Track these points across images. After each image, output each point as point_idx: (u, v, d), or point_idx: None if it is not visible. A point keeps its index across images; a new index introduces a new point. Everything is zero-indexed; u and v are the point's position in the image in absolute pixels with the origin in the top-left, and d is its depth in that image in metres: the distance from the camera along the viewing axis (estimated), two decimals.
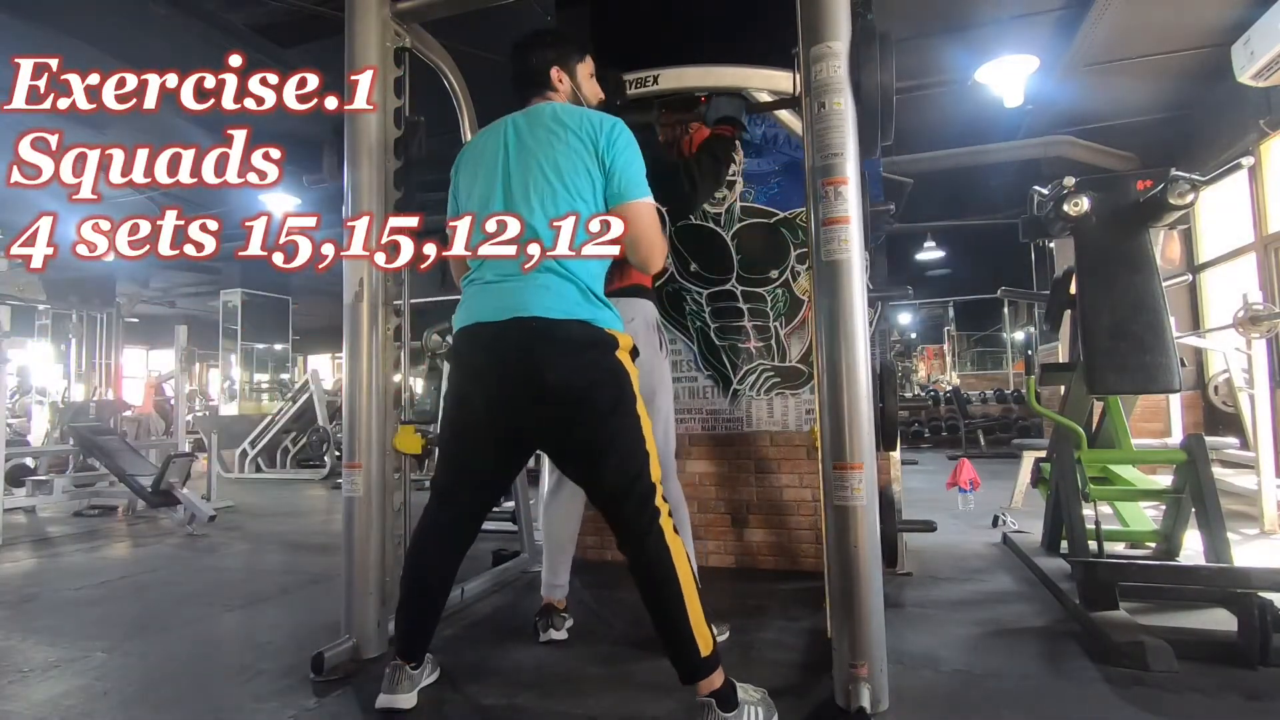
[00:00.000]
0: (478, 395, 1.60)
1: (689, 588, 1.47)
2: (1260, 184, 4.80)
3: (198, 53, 4.78)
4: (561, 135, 1.60)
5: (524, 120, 1.67)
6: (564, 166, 1.58)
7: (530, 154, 1.61)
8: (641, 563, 1.49)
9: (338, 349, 2.12)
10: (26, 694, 1.79)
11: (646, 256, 1.63)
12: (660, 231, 1.66)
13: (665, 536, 1.50)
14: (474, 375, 1.61)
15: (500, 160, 1.64)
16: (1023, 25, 4.57)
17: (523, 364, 1.52)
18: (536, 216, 1.56)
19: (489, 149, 1.67)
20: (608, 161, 1.58)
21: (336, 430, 7.35)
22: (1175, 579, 2.23)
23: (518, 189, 1.59)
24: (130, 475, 4.44)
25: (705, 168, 2.00)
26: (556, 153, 1.59)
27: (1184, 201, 2.26)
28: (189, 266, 10.64)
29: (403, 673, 1.63)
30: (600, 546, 3.08)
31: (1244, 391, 3.92)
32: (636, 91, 2.40)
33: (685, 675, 1.46)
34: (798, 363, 2.93)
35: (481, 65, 2.81)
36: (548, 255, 1.54)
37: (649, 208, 1.61)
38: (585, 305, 1.55)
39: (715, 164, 2.03)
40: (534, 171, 1.59)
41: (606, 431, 1.53)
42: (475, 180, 1.67)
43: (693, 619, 1.45)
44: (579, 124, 1.61)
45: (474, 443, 1.64)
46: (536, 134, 1.62)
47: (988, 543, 3.36)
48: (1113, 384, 2.36)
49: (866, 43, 1.65)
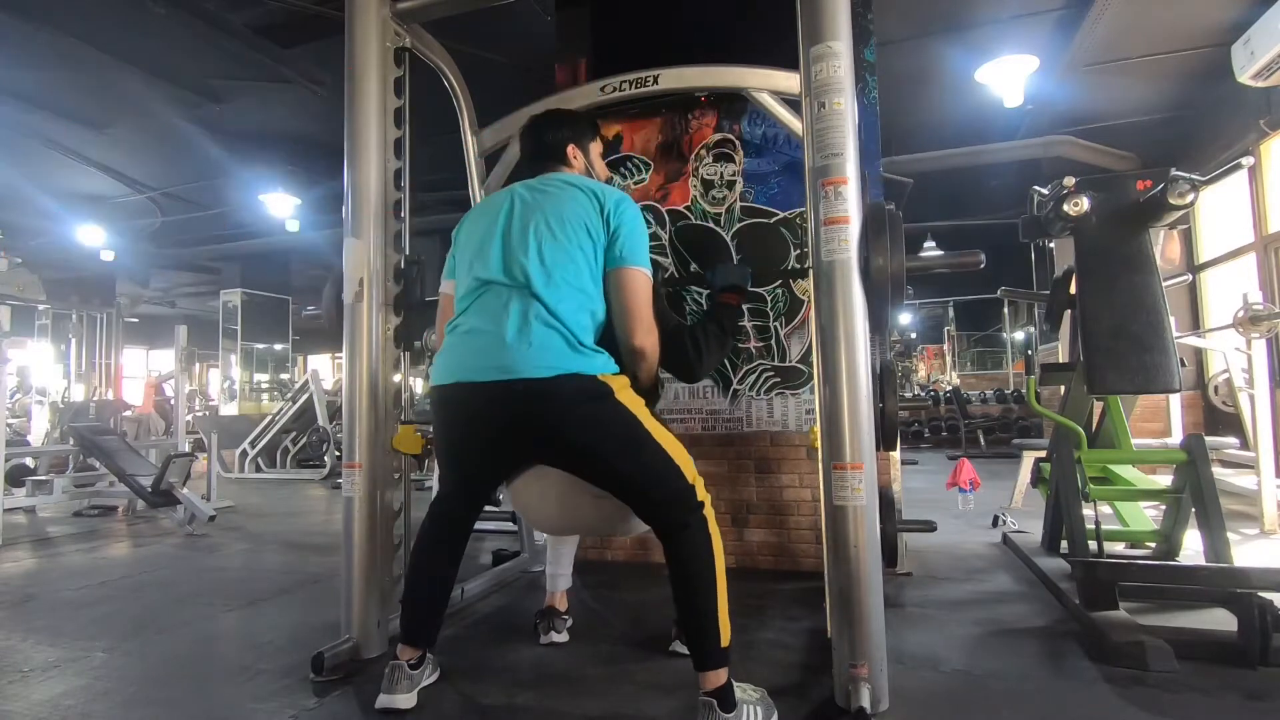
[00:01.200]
0: (472, 445, 1.62)
1: (722, 578, 1.51)
2: (1260, 184, 4.80)
3: (197, 53, 4.79)
4: (569, 191, 1.65)
5: (534, 183, 1.72)
6: (567, 216, 1.60)
7: (534, 207, 1.64)
8: (682, 554, 1.51)
9: (338, 349, 2.13)
10: (26, 694, 1.79)
11: (632, 328, 1.60)
12: (652, 308, 1.63)
13: (709, 526, 1.53)
14: (464, 432, 1.61)
15: (504, 212, 1.67)
16: (1022, 25, 4.57)
17: (519, 428, 1.53)
18: (531, 258, 1.57)
19: (493, 206, 1.71)
20: (613, 225, 1.61)
21: (336, 430, 7.35)
22: (1175, 579, 2.23)
23: (516, 233, 1.61)
24: (130, 475, 4.43)
25: (713, 338, 1.88)
26: (562, 205, 1.62)
27: (1184, 201, 2.26)
28: (189, 266, 10.64)
29: (402, 672, 1.64)
30: (600, 546, 3.08)
31: (1244, 391, 3.92)
32: (636, 91, 2.40)
33: (701, 661, 1.47)
34: (798, 363, 2.93)
35: (481, 65, 2.81)
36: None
37: (646, 280, 1.62)
38: (574, 356, 1.52)
39: (722, 334, 1.91)
40: (536, 218, 1.62)
41: (625, 469, 1.54)
42: (476, 232, 1.69)
43: (721, 609, 1.49)
44: (588, 186, 1.66)
45: (469, 470, 1.67)
46: (545, 191, 1.67)
47: (988, 543, 3.36)
48: (1113, 384, 2.36)
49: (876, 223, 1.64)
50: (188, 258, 9.95)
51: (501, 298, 1.57)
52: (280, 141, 6.40)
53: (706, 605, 1.48)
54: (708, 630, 1.47)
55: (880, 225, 1.64)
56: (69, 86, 5.36)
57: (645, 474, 1.54)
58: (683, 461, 1.57)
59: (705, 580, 1.49)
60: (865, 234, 1.65)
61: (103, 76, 5.09)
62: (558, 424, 1.51)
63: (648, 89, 2.39)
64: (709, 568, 1.50)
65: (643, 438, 1.54)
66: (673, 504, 1.54)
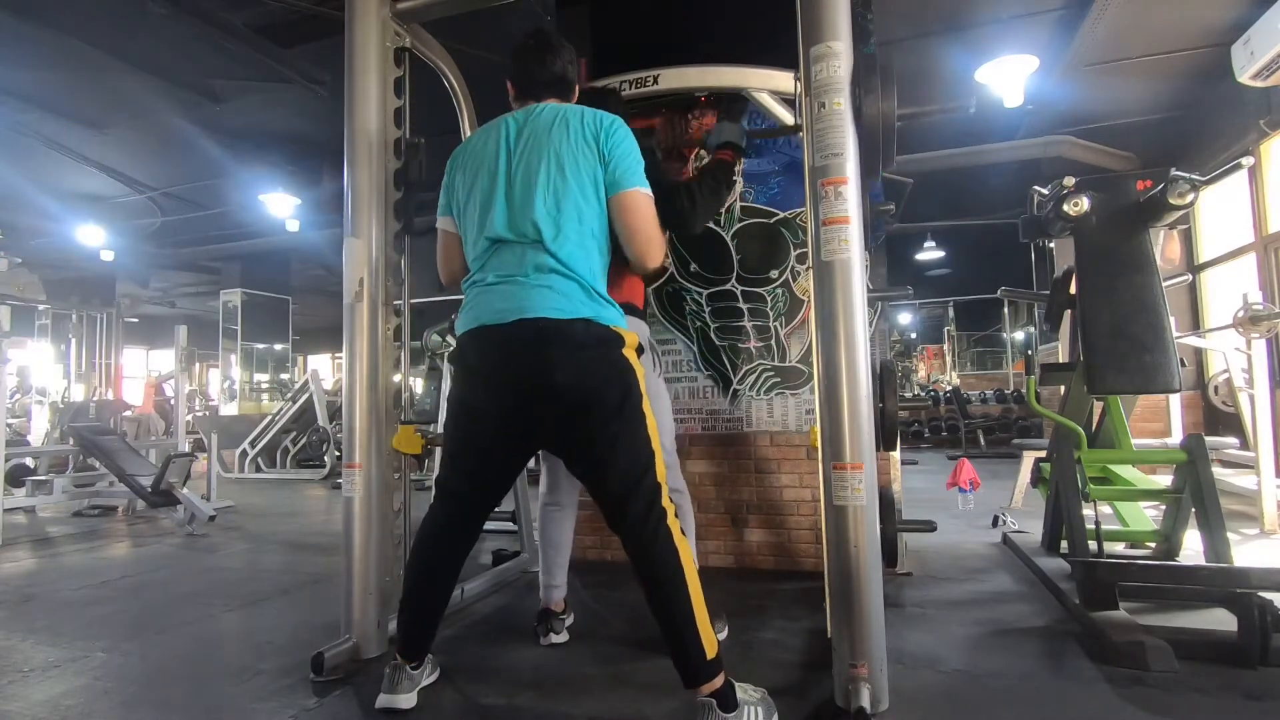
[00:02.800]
0: (484, 397, 1.60)
1: (695, 589, 1.47)
2: (1260, 184, 4.80)
3: (197, 53, 4.79)
4: (565, 131, 1.61)
5: (524, 118, 1.67)
6: (566, 160, 1.58)
7: (532, 150, 1.61)
8: (647, 564, 1.48)
9: (338, 349, 2.12)
10: (26, 694, 1.79)
11: (644, 249, 1.63)
12: (658, 224, 1.67)
13: (673, 538, 1.50)
14: (480, 378, 1.60)
15: (502, 158, 1.64)
16: (1023, 25, 4.57)
17: (531, 365, 1.52)
18: (539, 211, 1.56)
19: (489, 148, 1.67)
20: (606, 152, 1.59)
21: (336, 430, 7.35)
22: (1175, 579, 2.23)
23: (520, 185, 1.60)
24: (130, 475, 4.44)
25: (706, 189, 1.99)
26: (560, 148, 1.60)
27: (1184, 201, 2.26)
28: (189, 266, 10.64)
29: (403, 673, 1.63)
30: (600, 546, 3.08)
31: (1244, 391, 3.92)
32: (636, 91, 2.40)
33: (689, 678, 1.45)
34: (798, 363, 2.93)
35: (481, 65, 2.81)
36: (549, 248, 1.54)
37: (646, 198, 1.62)
38: (589, 303, 1.55)
39: (716, 185, 2.02)
40: (537, 166, 1.59)
41: (613, 429, 1.52)
42: (476, 179, 1.66)
43: (699, 621, 1.45)
44: (580, 119, 1.63)
45: (480, 443, 1.63)
46: (538, 131, 1.63)
47: (988, 543, 3.36)
48: (1113, 384, 2.36)
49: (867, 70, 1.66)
50: (188, 258, 9.94)
51: (515, 253, 1.58)
52: (280, 141, 6.39)
53: (682, 617, 1.44)
54: (688, 644, 1.43)
55: (871, 70, 1.65)
56: (69, 86, 5.36)
57: (625, 442, 1.52)
58: (658, 453, 1.56)
59: (676, 591, 1.45)
60: (856, 79, 1.66)
61: (102, 76, 5.09)
62: (567, 365, 1.50)
63: (648, 89, 2.39)
64: (679, 579, 1.45)
65: (635, 400, 1.55)
66: (639, 493, 1.50)
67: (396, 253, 2.17)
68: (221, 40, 4.46)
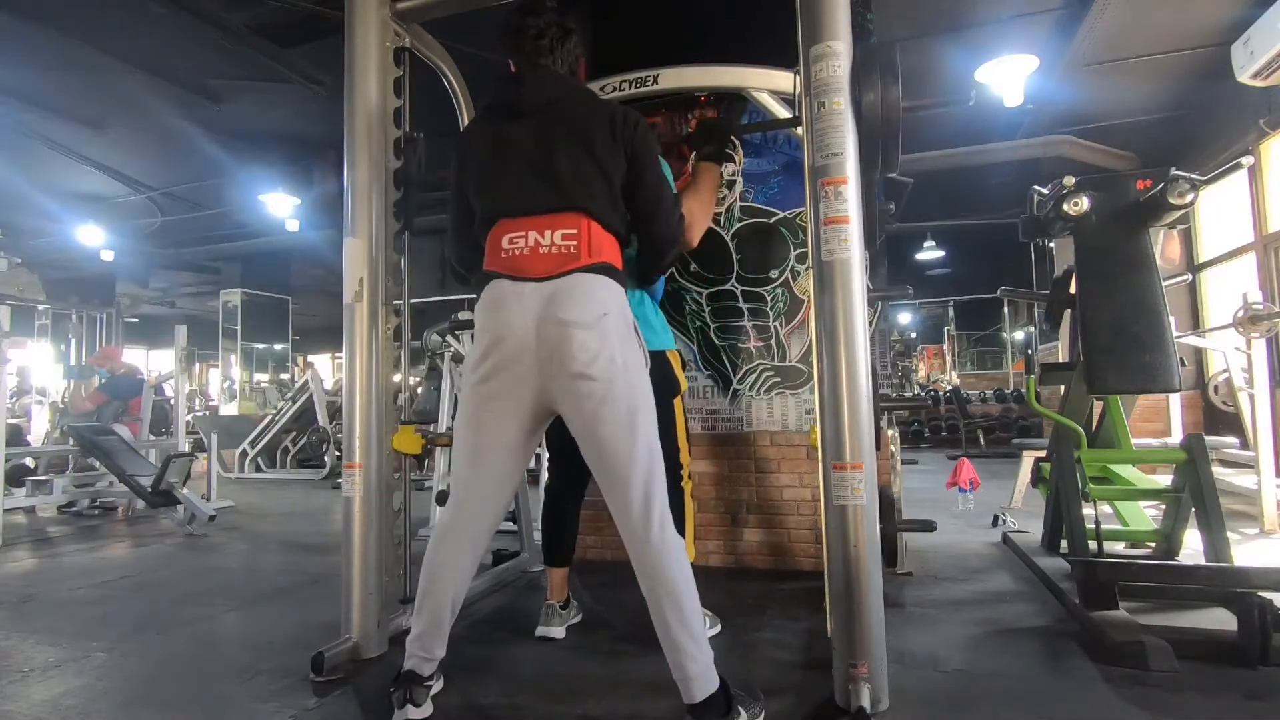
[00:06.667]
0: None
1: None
2: (1260, 184, 4.80)
3: (196, 53, 4.79)
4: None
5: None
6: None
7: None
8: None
9: (338, 349, 2.12)
10: (26, 694, 1.79)
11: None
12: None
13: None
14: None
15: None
16: (1023, 25, 4.57)
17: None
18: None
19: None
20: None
21: (336, 430, 7.35)
22: (1175, 579, 2.23)
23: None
24: (130, 475, 4.43)
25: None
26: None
27: (1184, 201, 2.26)
28: (189, 266, 10.64)
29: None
30: (600, 546, 3.08)
31: (1244, 391, 3.92)
32: (636, 91, 2.40)
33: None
34: (798, 363, 2.93)
35: (481, 65, 2.81)
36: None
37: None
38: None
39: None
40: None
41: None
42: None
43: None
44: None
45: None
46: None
47: (988, 543, 3.36)
48: (1113, 383, 2.36)
49: (867, 61, 1.65)
50: (188, 258, 9.94)
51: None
52: (280, 141, 6.39)
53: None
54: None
55: (871, 62, 1.65)
56: (69, 86, 5.35)
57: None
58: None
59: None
60: (856, 72, 1.65)
61: (102, 76, 5.09)
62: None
63: (647, 89, 2.39)
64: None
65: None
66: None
67: (396, 253, 2.16)
68: (221, 40, 4.45)
